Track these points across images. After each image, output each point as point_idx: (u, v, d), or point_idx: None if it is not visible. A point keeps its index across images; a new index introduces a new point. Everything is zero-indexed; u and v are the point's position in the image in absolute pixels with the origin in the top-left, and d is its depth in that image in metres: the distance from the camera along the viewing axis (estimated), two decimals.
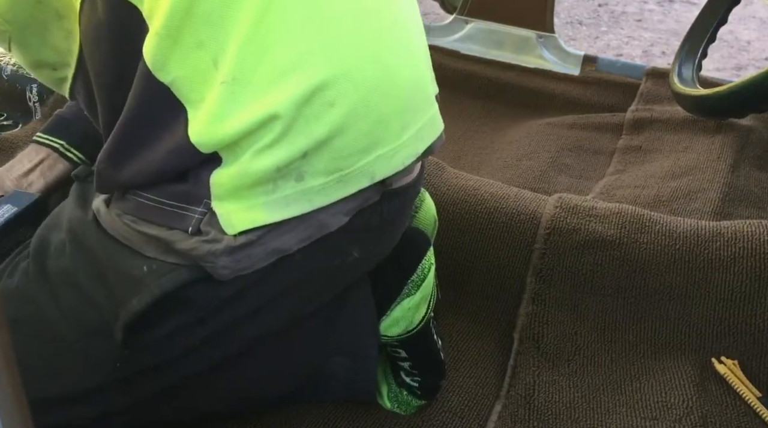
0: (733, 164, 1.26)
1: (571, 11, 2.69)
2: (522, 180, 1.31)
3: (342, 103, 0.60)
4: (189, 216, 0.61)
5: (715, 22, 1.46)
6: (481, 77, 1.66)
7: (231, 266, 0.61)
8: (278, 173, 0.59)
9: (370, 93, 0.62)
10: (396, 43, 0.66)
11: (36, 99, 1.05)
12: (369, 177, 0.64)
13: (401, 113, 0.65)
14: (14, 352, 0.37)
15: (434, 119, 0.72)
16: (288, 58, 0.59)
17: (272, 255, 0.62)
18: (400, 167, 0.66)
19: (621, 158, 1.39)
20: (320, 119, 0.60)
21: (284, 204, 0.61)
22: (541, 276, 0.97)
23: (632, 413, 0.85)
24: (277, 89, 0.59)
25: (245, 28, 0.58)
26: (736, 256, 0.92)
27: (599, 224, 0.98)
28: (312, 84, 0.59)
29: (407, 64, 0.67)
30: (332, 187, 0.62)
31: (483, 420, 0.84)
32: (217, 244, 0.60)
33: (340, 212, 0.64)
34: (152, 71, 0.59)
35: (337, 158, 0.61)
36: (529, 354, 0.92)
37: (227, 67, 0.58)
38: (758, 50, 2.45)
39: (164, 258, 0.62)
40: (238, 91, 0.58)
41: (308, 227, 0.63)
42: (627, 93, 1.57)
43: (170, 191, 0.62)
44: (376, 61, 0.63)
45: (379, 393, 0.83)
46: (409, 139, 0.67)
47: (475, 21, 1.72)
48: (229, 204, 0.60)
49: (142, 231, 0.62)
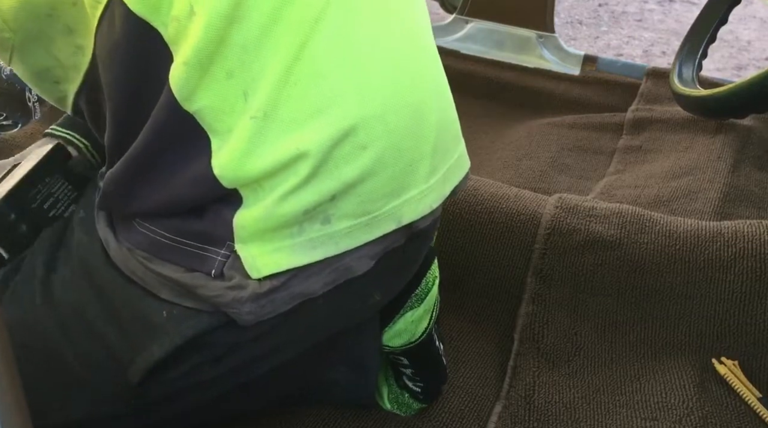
0: (733, 164, 1.26)
1: (571, 11, 2.69)
2: (522, 180, 1.31)
3: (374, 146, 0.59)
4: (211, 258, 0.59)
5: (716, 22, 1.46)
6: (481, 77, 1.66)
7: (255, 311, 0.59)
8: (305, 216, 0.58)
9: (402, 136, 0.61)
10: (427, 84, 0.65)
11: (36, 99, 1.05)
12: (396, 221, 0.62)
13: (431, 155, 0.64)
14: (23, 378, 0.37)
15: (461, 158, 0.71)
16: (321, 97, 0.57)
17: (296, 299, 0.60)
18: (427, 211, 0.65)
19: (621, 158, 1.39)
20: (351, 161, 0.58)
21: (310, 247, 0.59)
22: (541, 276, 0.97)
23: (632, 413, 0.85)
24: (308, 129, 0.57)
25: (281, 63, 0.56)
26: (736, 256, 0.92)
27: (599, 224, 0.98)
28: (344, 126, 0.57)
29: (437, 104, 0.66)
30: (359, 230, 0.60)
31: (483, 421, 0.84)
32: (242, 291, 0.58)
33: (366, 255, 0.62)
34: (178, 101, 0.57)
35: (366, 202, 0.60)
36: (529, 355, 0.92)
37: (259, 101, 0.56)
38: (758, 50, 2.45)
39: (181, 302, 0.60)
40: (268, 127, 0.56)
41: (333, 271, 0.61)
42: (627, 93, 1.57)
43: (187, 230, 0.60)
44: (408, 104, 0.61)
45: (379, 394, 0.83)
46: (437, 182, 0.65)
47: (475, 21, 1.72)
48: (254, 247, 0.58)
49: (159, 272, 0.60)
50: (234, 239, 0.59)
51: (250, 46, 0.56)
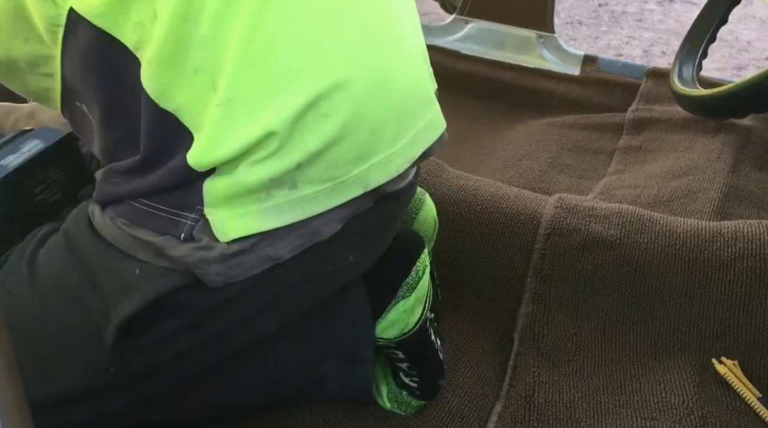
0: (733, 164, 1.26)
1: (571, 11, 2.69)
2: (522, 180, 1.31)
3: (336, 114, 0.60)
4: (182, 222, 0.61)
5: (716, 22, 1.46)
6: (481, 77, 1.67)
7: (223, 273, 0.61)
8: (272, 183, 0.59)
9: (365, 103, 0.62)
10: (391, 46, 0.66)
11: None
12: (362, 186, 0.64)
13: (396, 119, 0.65)
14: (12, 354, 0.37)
15: (433, 121, 0.72)
16: (281, 74, 0.59)
17: (265, 263, 0.62)
18: (394, 174, 0.66)
19: (621, 158, 1.39)
20: (314, 131, 0.59)
21: (277, 212, 0.60)
22: (541, 276, 0.97)
23: (632, 413, 0.85)
24: (273, 106, 0.58)
25: (236, 49, 0.58)
26: (736, 256, 0.92)
27: (599, 224, 0.98)
28: (306, 98, 0.59)
29: (403, 66, 0.66)
30: (325, 195, 0.62)
31: (483, 420, 0.84)
32: (210, 251, 0.60)
33: (333, 219, 0.64)
34: (155, 101, 0.59)
35: (331, 168, 0.61)
36: (529, 354, 0.92)
37: (222, 89, 0.58)
38: (758, 50, 2.45)
39: (156, 262, 0.62)
40: (233, 112, 0.58)
41: (301, 235, 0.63)
42: (627, 93, 1.57)
43: (165, 197, 0.62)
44: (370, 69, 0.63)
45: (378, 393, 0.83)
46: (403, 146, 0.66)
47: (475, 21, 1.72)
48: (222, 211, 0.60)
49: (135, 235, 0.62)
50: (204, 203, 0.60)
51: (208, 39, 0.58)
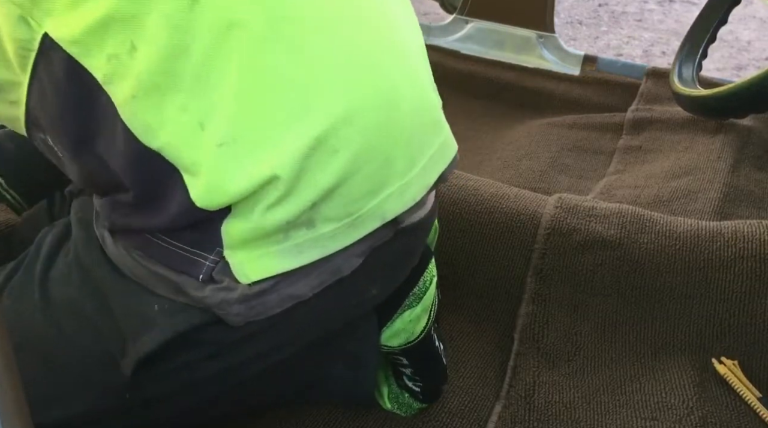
0: (733, 164, 1.26)
1: (571, 11, 2.69)
2: (522, 180, 1.31)
3: (345, 150, 0.58)
4: (200, 263, 0.60)
5: (716, 22, 1.46)
6: (482, 77, 1.66)
7: (244, 313, 0.60)
8: (289, 225, 0.58)
9: (373, 135, 0.60)
10: (396, 69, 0.64)
11: None
12: (380, 218, 0.62)
13: (407, 148, 0.63)
14: (21, 375, 0.37)
15: (445, 144, 0.70)
16: (284, 113, 0.57)
17: (286, 302, 0.61)
18: (410, 203, 0.65)
19: (621, 158, 1.39)
20: (325, 168, 0.58)
21: (297, 252, 0.59)
22: (541, 276, 0.97)
23: (632, 413, 0.85)
24: (278, 145, 0.56)
25: (232, 87, 0.55)
26: (736, 256, 0.92)
27: (599, 224, 0.98)
28: (312, 136, 0.57)
29: (410, 90, 0.64)
30: (343, 232, 0.61)
31: (483, 421, 0.84)
32: (231, 293, 0.59)
33: (353, 255, 0.63)
34: (137, 137, 0.56)
35: (347, 204, 0.60)
36: (529, 354, 0.92)
37: (219, 129, 0.56)
38: (758, 50, 2.45)
39: (175, 297, 0.61)
40: (235, 152, 0.56)
41: (321, 273, 0.62)
42: (627, 93, 1.57)
43: (183, 236, 0.61)
44: (376, 98, 0.61)
45: (379, 394, 0.83)
46: (417, 174, 0.65)
47: (475, 21, 1.72)
48: (242, 254, 0.59)
49: (152, 270, 0.61)
50: (223, 245, 0.59)
51: (197, 77, 0.55)
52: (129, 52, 0.54)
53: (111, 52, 0.55)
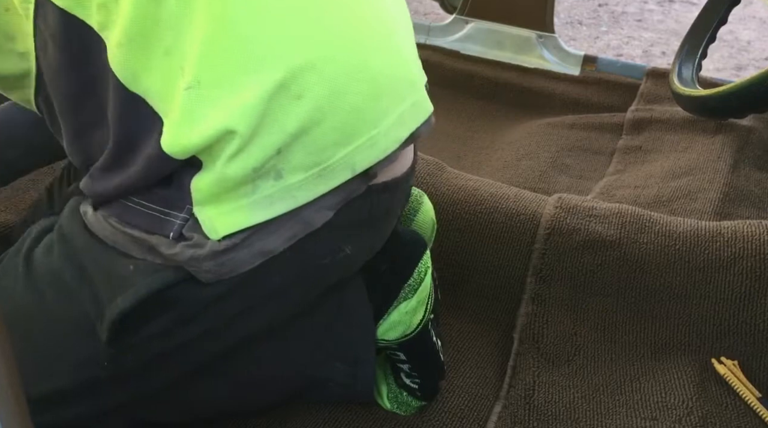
0: (733, 164, 1.26)
1: (571, 11, 2.69)
2: (522, 180, 1.31)
3: (309, 95, 0.59)
4: (171, 222, 0.61)
5: (715, 22, 1.46)
6: (481, 77, 1.67)
7: (215, 270, 0.60)
8: (256, 174, 0.58)
9: (340, 82, 0.60)
10: (368, 28, 0.64)
11: None
12: (350, 169, 0.62)
13: (377, 99, 0.63)
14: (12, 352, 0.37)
15: (418, 103, 0.70)
16: (249, 56, 0.58)
17: (258, 257, 0.61)
18: (381, 155, 0.65)
19: (621, 158, 1.39)
20: (289, 113, 0.58)
21: (267, 204, 0.60)
22: (541, 276, 0.97)
23: (632, 413, 0.85)
24: (243, 88, 0.57)
25: (203, 30, 0.57)
26: (736, 256, 0.92)
27: (599, 224, 0.98)
28: (276, 79, 0.57)
29: (383, 48, 0.65)
30: (313, 182, 0.61)
31: (483, 421, 0.84)
32: (200, 249, 0.59)
33: (324, 207, 0.63)
34: (124, 84, 0.58)
35: (313, 152, 0.60)
36: (529, 355, 0.92)
37: (190, 72, 0.57)
38: (758, 50, 2.45)
39: (149, 258, 0.62)
40: (203, 95, 0.57)
41: (293, 226, 0.62)
42: (627, 93, 1.57)
43: (154, 195, 0.62)
44: (344, 50, 0.61)
45: (378, 394, 0.83)
46: (388, 126, 0.65)
47: (475, 21, 1.72)
48: (210, 209, 0.60)
49: (127, 233, 0.62)
50: (192, 202, 0.60)
51: (176, 19, 0.57)
52: (115, 0, 0.57)
53: (99, 1, 0.57)
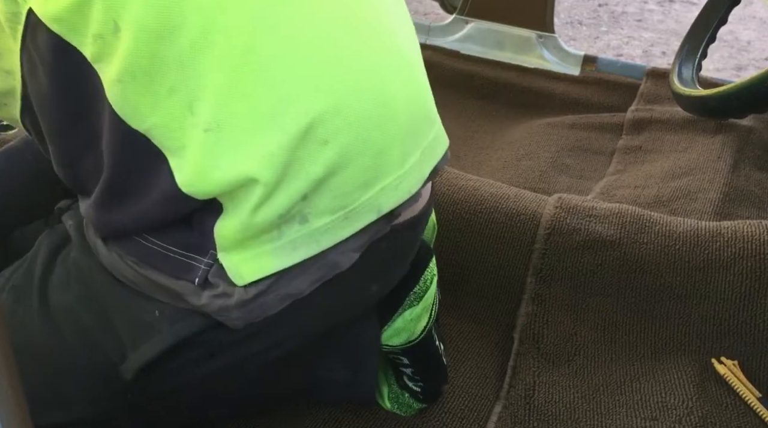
0: (733, 164, 1.26)
1: (571, 11, 2.69)
2: (522, 180, 1.31)
3: (336, 140, 0.57)
4: (195, 267, 0.59)
5: (716, 22, 1.46)
6: (481, 77, 1.67)
7: (244, 317, 0.59)
8: (281, 219, 0.57)
9: (365, 126, 0.59)
10: (389, 62, 0.63)
11: None
12: (375, 211, 0.61)
13: (401, 140, 0.62)
14: (21, 378, 0.37)
15: (437, 138, 0.69)
16: (273, 102, 0.56)
17: (285, 300, 0.60)
18: (406, 196, 0.64)
19: (621, 158, 1.39)
20: (315, 158, 0.57)
21: (291, 249, 0.58)
22: (541, 277, 0.97)
23: (632, 413, 0.85)
24: (266, 134, 0.56)
25: (224, 73, 0.55)
26: (736, 256, 0.92)
27: (599, 224, 0.98)
28: (301, 125, 0.56)
29: (403, 82, 0.64)
30: (338, 225, 0.60)
31: (483, 421, 0.84)
32: (228, 299, 0.59)
33: (349, 249, 0.62)
34: (124, 120, 0.56)
35: (339, 196, 0.59)
36: (529, 355, 0.92)
37: (208, 114, 0.55)
38: (758, 50, 2.45)
39: (175, 303, 0.61)
40: (223, 138, 0.55)
41: (319, 269, 0.61)
42: (627, 93, 1.57)
43: (175, 238, 0.60)
44: (367, 89, 0.60)
45: (379, 394, 0.83)
46: (412, 166, 0.64)
47: (475, 21, 1.72)
48: (236, 255, 0.58)
49: (149, 277, 0.61)
50: (216, 247, 0.59)
51: (186, 60, 0.54)
52: (113, 33, 0.54)
53: (96, 32, 0.54)
